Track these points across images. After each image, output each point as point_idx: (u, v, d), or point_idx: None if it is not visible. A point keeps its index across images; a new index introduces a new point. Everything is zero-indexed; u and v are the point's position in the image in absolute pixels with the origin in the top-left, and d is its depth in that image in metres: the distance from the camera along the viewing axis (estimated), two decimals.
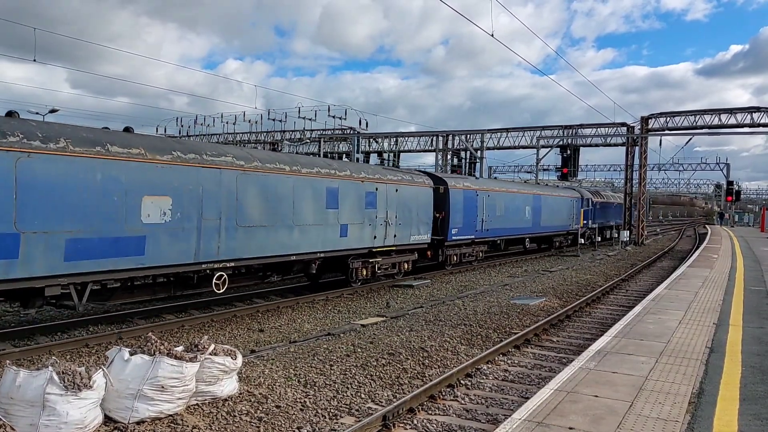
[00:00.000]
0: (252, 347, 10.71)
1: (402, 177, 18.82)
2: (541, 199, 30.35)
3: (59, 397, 5.80)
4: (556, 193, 33.74)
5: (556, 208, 32.42)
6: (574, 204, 35.24)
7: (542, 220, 30.29)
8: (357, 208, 16.22)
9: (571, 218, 34.75)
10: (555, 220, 32.38)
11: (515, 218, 27.18)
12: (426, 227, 19.47)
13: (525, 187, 31.48)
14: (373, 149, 49.21)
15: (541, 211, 30.09)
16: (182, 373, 6.72)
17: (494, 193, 25.25)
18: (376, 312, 14.37)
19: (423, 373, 9.09)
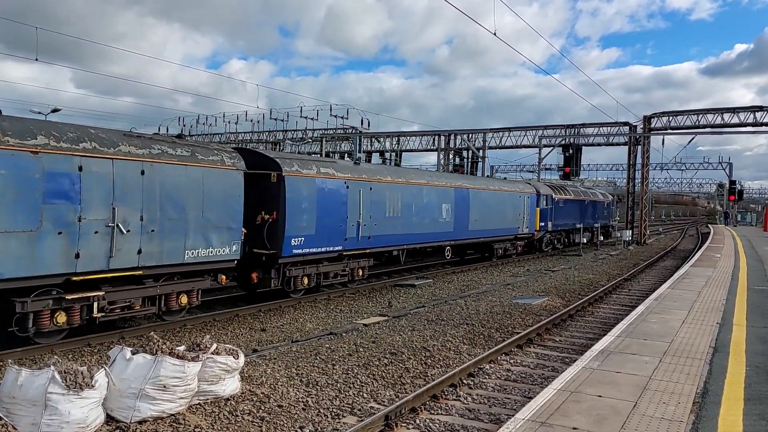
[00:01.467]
0: (254, 347, 10.69)
1: (192, 153, 11.76)
2: (469, 195, 22.68)
3: (61, 396, 5.79)
4: (494, 186, 25.88)
5: (495, 207, 24.88)
6: (525, 201, 27.96)
7: (472, 222, 22.90)
8: None
9: (521, 219, 27.60)
10: (494, 221, 24.83)
11: (424, 220, 19.79)
12: (230, 235, 12.42)
13: (442, 178, 22.46)
14: (375, 149, 49.19)
15: (468, 211, 22.64)
16: (184, 373, 6.70)
17: (381, 185, 17.67)
18: (378, 311, 14.35)
19: (425, 372, 9.07)
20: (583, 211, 35.69)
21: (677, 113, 39.54)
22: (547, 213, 30.42)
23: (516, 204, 27.11)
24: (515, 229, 27.20)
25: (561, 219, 32.31)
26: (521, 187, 28.67)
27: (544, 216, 30.07)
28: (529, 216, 28.33)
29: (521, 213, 27.59)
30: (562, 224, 32.56)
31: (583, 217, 35.66)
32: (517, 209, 27.19)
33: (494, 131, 45.31)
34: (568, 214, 33.30)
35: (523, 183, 30.52)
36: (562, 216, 32.34)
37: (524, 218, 27.88)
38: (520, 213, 27.53)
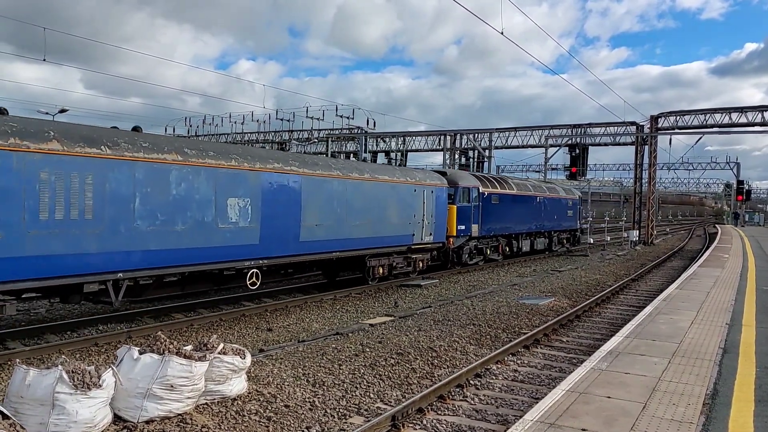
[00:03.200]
0: (261, 346, 10.69)
1: None
2: (302, 187, 14.02)
3: (69, 396, 5.79)
4: (359, 173, 16.40)
5: (361, 205, 16.13)
6: (426, 198, 19.08)
7: (307, 230, 14.20)
8: None
9: (418, 223, 18.67)
10: (360, 226, 16.10)
11: (174, 228, 11.02)
12: None
13: (227, 154, 12.38)
14: (381, 149, 49.17)
15: (299, 211, 13.97)
16: (191, 373, 6.70)
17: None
18: (385, 311, 14.32)
19: (432, 373, 9.04)
20: (533, 211, 28.19)
21: (685, 113, 39.34)
22: (471, 213, 22.23)
23: (408, 201, 18.07)
24: (407, 237, 18.08)
25: (496, 221, 24.36)
26: (420, 176, 19.23)
27: (466, 217, 21.85)
28: (434, 218, 19.44)
29: (418, 214, 18.58)
30: (498, 228, 24.71)
31: (534, 219, 28.34)
32: (409, 209, 18.16)
33: (500, 131, 45.21)
34: (507, 214, 25.41)
35: (424, 172, 20.54)
36: (497, 217, 24.40)
37: (424, 221, 18.86)
38: (416, 214, 18.49)
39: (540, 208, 29.31)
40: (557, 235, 32.29)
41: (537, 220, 28.93)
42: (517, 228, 26.81)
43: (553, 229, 31.39)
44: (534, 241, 28.95)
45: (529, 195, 28.26)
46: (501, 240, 25.73)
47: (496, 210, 24.57)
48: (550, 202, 30.44)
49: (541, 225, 29.35)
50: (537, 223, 28.92)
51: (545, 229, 30.13)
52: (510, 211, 25.94)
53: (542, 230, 29.72)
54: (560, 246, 33.05)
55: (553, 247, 31.53)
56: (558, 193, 32.16)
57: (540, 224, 29.28)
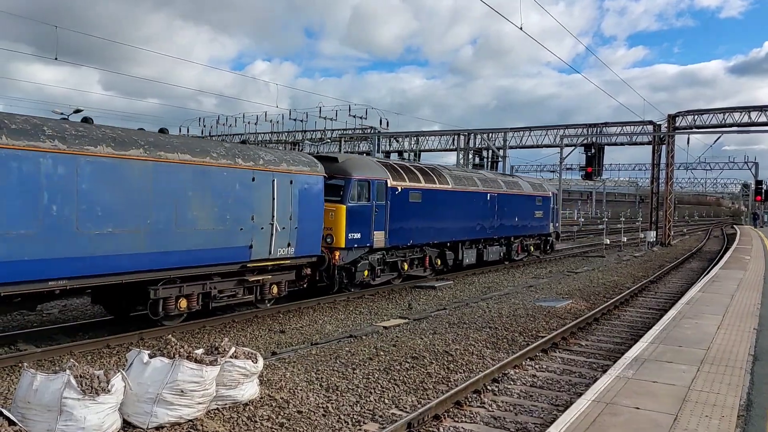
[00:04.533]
0: (273, 349, 10.52)
1: None
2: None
3: (76, 401, 5.62)
4: (142, 148, 10.08)
5: (147, 200, 10.18)
6: (280, 189, 12.82)
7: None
8: None
9: (266, 228, 12.52)
10: (147, 236, 10.22)
11: None
12: None
13: None
14: (394, 148, 48.96)
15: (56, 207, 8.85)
16: (202, 377, 6.52)
17: None
18: (398, 314, 14.10)
19: (448, 377, 8.81)
20: (481, 211, 21.67)
21: (703, 112, 38.73)
22: (372, 215, 15.79)
23: (239, 194, 11.91)
24: (237, 250, 11.96)
25: (418, 226, 17.82)
26: (268, 158, 12.81)
27: (363, 221, 15.52)
28: (295, 221, 13.20)
29: (261, 214, 12.40)
30: (422, 235, 18.16)
31: (482, 221, 21.73)
32: (242, 206, 11.97)
33: (515, 130, 44.81)
34: (439, 216, 18.86)
35: (277, 152, 14.10)
36: (420, 220, 17.89)
37: (275, 226, 12.67)
38: (258, 214, 12.33)
39: (492, 207, 22.48)
40: (520, 241, 25.57)
41: (488, 223, 22.26)
42: (457, 234, 20.19)
43: (514, 235, 24.72)
44: (484, 250, 22.21)
45: (475, 191, 21.30)
46: (429, 250, 18.99)
47: (419, 211, 17.84)
48: (508, 199, 23.66)
49: (494, 229, 22.80)
50: (488, 227, 22.31)
51: (502, 234, 23.49)
52: (443, 212, 19.12)
53: (497, 236, 23.22)
54: (525, 254, 26.47)
55: (513, 256, 25.06)
56: (520, 188, 25.39)
57: (493, 228, 22.67)
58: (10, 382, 8.07)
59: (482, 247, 22.42)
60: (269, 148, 14.91)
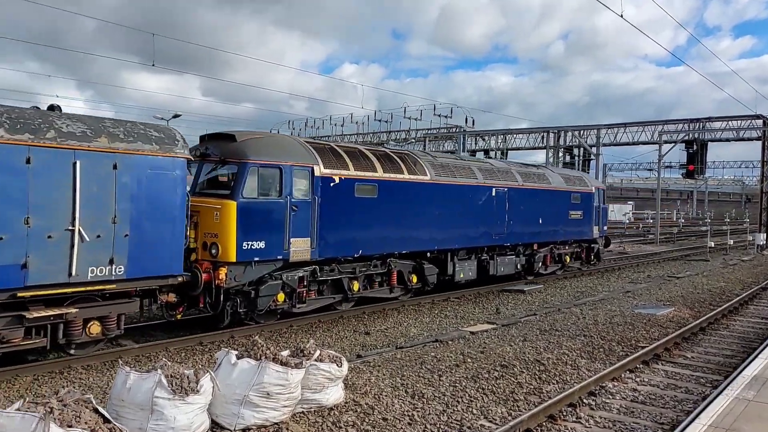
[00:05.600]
0: (358, 351, 10.45)
1: None
2: None
3: (167, 401, 5.72)
4: None
5: None
6: (85, 176, 8.55)
7: None
8: None
9: (58, 236, 8.35)
10: None
11: None
12: None
13: None
14: (480, 147, 48.16)
15: None
16: (287, 380, 6.48)
17: None
18: (486, 318, 13.68)
19: (540, 388, 8.37)
20: (482, 211, 16.51)
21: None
22: (284, 213, 11.49)
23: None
24: None
25: (365, 228, 13.18)
26: (67, 129, 8.56)
27: (273, 222, 11.34)
28: (126, 224, 9.13)
29: (46, 217, 8.31)
30: (377, 242, 13.51)
31: (485, 223, 16.61)
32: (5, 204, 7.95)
33: (608, 127, 42.79)
34: (404, 217, 14.07)
35: (97, 120, 9.35)
36: (369, 221, 13.24)
37: (78, 232, 8.54)
38: (37, 217, 8.20)
39: (500, 205, 17.05)
40: (549, 249, 19.82)
41: (494, 227, 16.84)
42: (444, 241, 15.20)
43: (539, 241, 19.08)
44: (490, 262, 16.89)
45: (471, 184, 16.15)
46: (397, 263, 14.16)
47: (375, 210, 13.30)
48: (527, 195, 18.12)
49: (504, 234, 17.25)
50: (495, 231, 16.89)
51: (517, 240, 17.89)
52: (418, 211, 14.38)
53: (509, 243, 17.63)
54: (558, 266, 20.68)
55: (537, 269, 19.37)
56: (546, 181, 19.50)
57: (502, 233, 17.16)
58: (109, 377, 8.43)
59: (486, 257, 16.84)
60: (82, 116, 9.11)
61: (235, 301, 11.07)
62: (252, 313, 11.42)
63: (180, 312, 10.88)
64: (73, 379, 8.58)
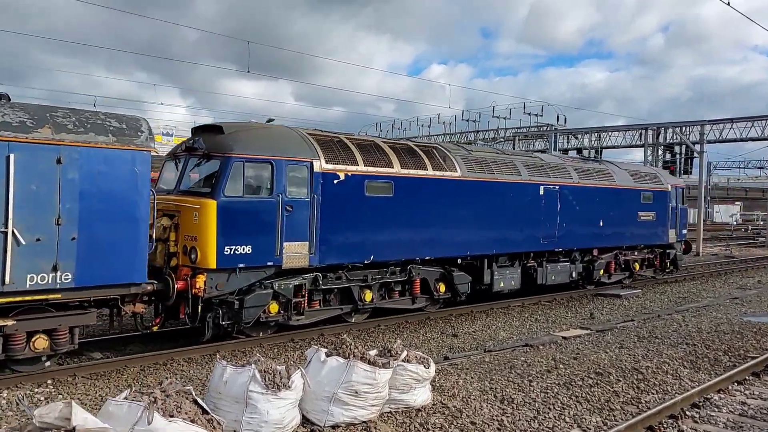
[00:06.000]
0: (445, 353, 10.38)
1: None
2: None
3: (260, 395, 5.93)
4: None
5: None
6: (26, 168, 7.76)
7: None
8: None
9: None
10: None
11: None
12: None
13: None
14: (572, 146, 46.60)
15: None
16: (375, 380, 6.54)
17: None
18: (579, 323, 13.19)
19: (638, 398, 7.95)
20: (527, 211, 14.67)
21: None
22: (276, 213, 10.22)
23: None
24: None
25: (378, 231, 11.70)
26: None
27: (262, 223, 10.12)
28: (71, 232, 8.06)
29: None
30: (394, 246, 12.02)
31: (531, 225, 14.76)
32: None
33: (713, 123, 40.13)
34: (428, 218, 12.52)
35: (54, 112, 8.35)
36: (383, 223, 11.77)
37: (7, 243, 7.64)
38: None
39: (550, 205, 15.27)
40: (613, 255, 17.66)
41: (542, 229, 15.04)
42: (478, 245, 13.52)
43: (600, 246, 17.08)
44: (538, 269, 15.14)
45: (513, 182, 14.33)
46: (420, 270, 12.60)
47: (391, 211, 11.89)
48: (584, 194, 16.27)
49: (555, 238, 15.41)
50: (543, 234, 15.09)
51: (572, 245, 15.98)
52: (446, 212, 12.84)
53: (561, 248, 15.72)
54: (624, 275, 18.59)
55: (598, 278, 17.23)
56: (609, 178, 17.43)
57: (552, 237, 15.32)
58: (207, 370, 8.84)
59: (533, 264, 15.11)
60: (29, 106, 8.32)
61: (219, 312, 9.79)
62: (237, 325, 10.11)
63: (157, 323, 9.92)
64: (175, 370, 9.06)
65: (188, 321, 9.76)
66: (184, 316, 9.73)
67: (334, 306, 11.61)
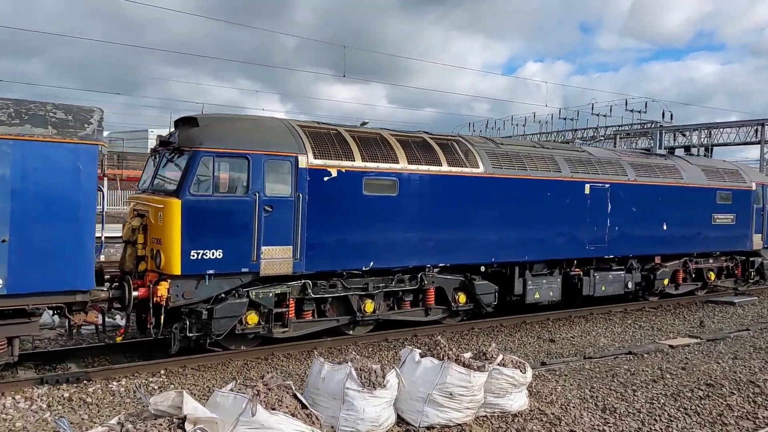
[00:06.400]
0: (542, 358, 10.11)
1: None
2: None
3: (357, 393, 6.04)
4: None
5: None
6: None
7: None
8: None
9: None
10: None
11: None
12: None
13: None
14: (679, 143, 43.99)
15: None
16: (470, 382, 6.49)
17: None
18: (687, 332, 12.44)
19: (754, 413, 7.39)
20: (569, 213, 13.03)
21: None
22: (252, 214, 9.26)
23: None
24: None
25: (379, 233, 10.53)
26: None
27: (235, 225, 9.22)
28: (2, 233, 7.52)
29: None
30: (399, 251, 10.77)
31: (574, 227, 13.10)
32: None
33: None
34: (444, 219, 11.24)
35: None
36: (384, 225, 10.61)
37: None
38: None
39: (599, 207, 13.48)
40: (682, 263, 15.58)
41: (588, 232, 13.29)
42: (505, 250, 12.06)
43: (663, 253, 15.02)
44: (583, 279, 13.42)
45: (551, 179, 12.68)
46: (434, 278, 11.33)
47: (394, 211, 10.68)
48: (644, 194, 14.34)
49: (604, 243, 13.61)
50: (589, 238, 13.33)
51: (628, 251, 14.18)
52: (468, 212, 11.51)
53: (614, 254, 13.90)
54: (697, 285, 16.32)
55: (662, 288, 15.19)
56: (676, 175, 15.30)
57: (601, 241, 13.55)
58: (306, 366, 9.12)
59: (578, 272, 13.41)
60: None
61: (186, 322, 8.90)
62: (207, 337, 9.08)
63: (122, 333, 9.41)
64: (275, 365, 9.42)
65: (152, 332, 8.86)
66: (150, 327, 8.85)
67: (330, 317, 10.48)
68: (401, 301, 11.25)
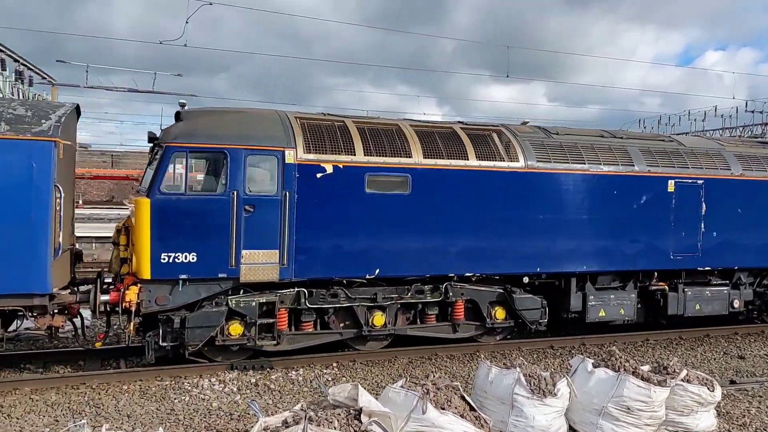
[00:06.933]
0: (731, 376, 9.16)
1: None
2: None
3: (526, 399, 5.94)
4: None
5: None
6: None
7: None
8: None
9: None
10: None
11: None
12: None
13: None
14: None
15: None
16: (650, 398, 6.07)
17: None
18: None
19: None
20: (640, 215, 10.67)
21: None
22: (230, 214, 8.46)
23: None
24: None
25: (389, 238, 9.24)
26: None
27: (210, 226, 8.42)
28: None
29: None
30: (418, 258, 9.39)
31: (649, 232, 10.73)
32: None
33: None
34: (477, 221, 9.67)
35: None
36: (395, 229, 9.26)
37: None
38: None
39: (690, 208, 11.14)
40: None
41: (676, 241, 11.02)
42: (563, 260, 10.30)
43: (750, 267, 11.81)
44: (669, 296, 11.19)
45: (617, 174, 10.57)
46: (463, 290, 9.88)
47: (402, 212, 9.31)
48: (752, 193, 11.64)
49: (699, 253, 11.23)
50: (678, 247, 11.07)
51: (727, 263, 11.53)
52: (499, 214, 9.83)
53: (712, 267, 11.42)
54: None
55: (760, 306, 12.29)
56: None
57: (695, 251, 11.20)
58: (469, 369, 9.13)
59: (661, 287, 11.24)
60: None
61: (161, 331, 8.34)
62: (182, 347, 8.43)
63: (101, 338, 8.99)
64: (439, 366, 9.53)
65: (126, 339, 8.36)
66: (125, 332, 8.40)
67: (334, 330, 9.38)
68: (424, 315, 9.94)
